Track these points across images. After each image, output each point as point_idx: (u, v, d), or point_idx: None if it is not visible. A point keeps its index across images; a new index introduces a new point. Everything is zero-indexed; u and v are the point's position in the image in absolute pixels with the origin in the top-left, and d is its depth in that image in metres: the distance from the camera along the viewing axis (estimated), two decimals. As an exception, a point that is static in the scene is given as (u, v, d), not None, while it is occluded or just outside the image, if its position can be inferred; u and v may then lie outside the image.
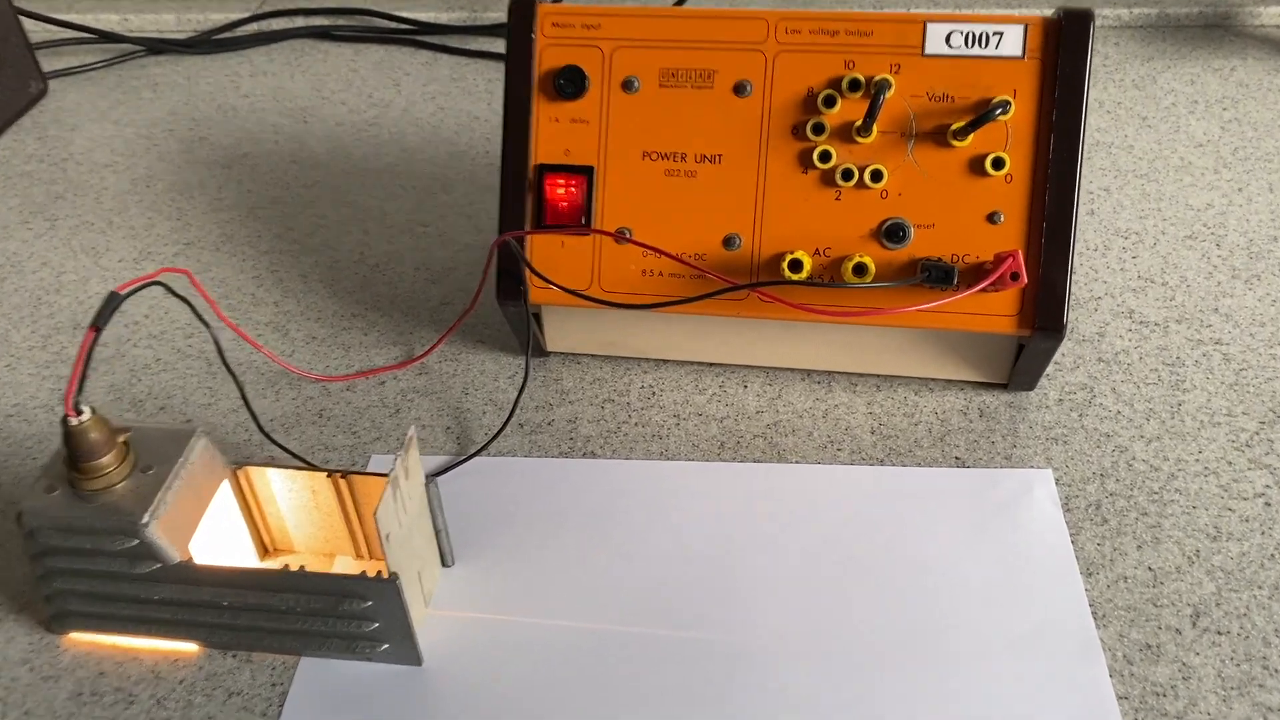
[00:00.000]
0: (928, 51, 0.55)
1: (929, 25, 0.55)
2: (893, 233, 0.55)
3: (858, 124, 0.55)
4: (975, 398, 0.61)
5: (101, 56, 1.01)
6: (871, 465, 0.58)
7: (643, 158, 0.57)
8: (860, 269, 0.54)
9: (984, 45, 0.54)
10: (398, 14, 1.02)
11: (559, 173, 0.58)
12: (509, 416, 0.61)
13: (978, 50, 0.54)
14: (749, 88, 0.56)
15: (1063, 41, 0.53)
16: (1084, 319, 0.66)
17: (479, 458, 0.59)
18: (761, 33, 0.56)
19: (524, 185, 0.58)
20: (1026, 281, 0.49)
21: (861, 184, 0.55)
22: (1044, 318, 0.54)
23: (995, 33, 0.54)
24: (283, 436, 0.61)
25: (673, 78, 0.57)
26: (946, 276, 0.50)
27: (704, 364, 0.64)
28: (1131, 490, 0.56)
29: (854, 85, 0.55)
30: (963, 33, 0.54)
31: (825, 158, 0.55)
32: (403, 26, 1.02)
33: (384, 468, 0.59)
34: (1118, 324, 0.66)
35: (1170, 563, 0.52)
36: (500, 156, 0.58)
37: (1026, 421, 0.60)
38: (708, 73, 0.56)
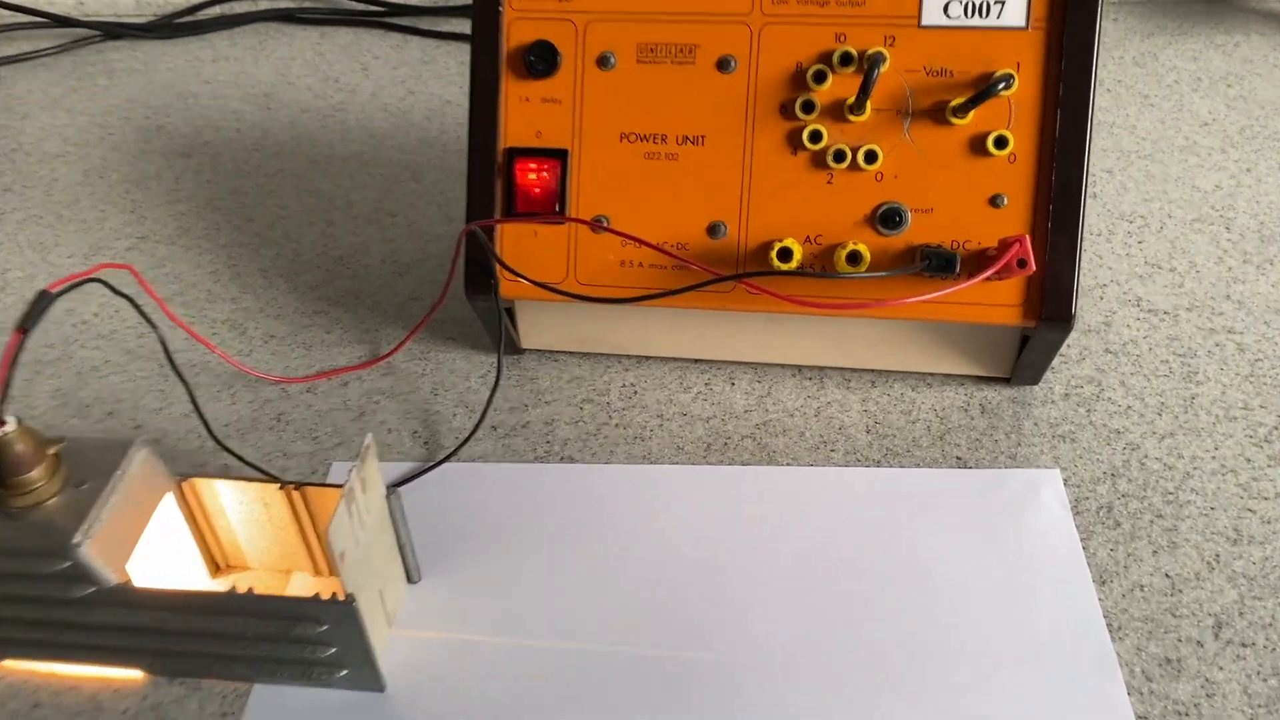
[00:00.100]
0: (925, 22, 0.51)
1: (926, -6, 0.51)
2: (888, 218, 0.51)
3: (850, 101, 0.51)
4: (976, 393, 0.58)
5: (55, 42, 0.96)
6: (867, 467, 0.54)
7: (620, 140, 0.53)
8: (854, 257, 0.50)
9: (985, 15, 0.50)
10: (366, -5, 0.98)
11: (530, 157, 0.54)
12: (480, 419, 0.57)
13: (978, 20, 0.50)
14: (733, 63, 0.52)
15: (1069, 10, 0.50)
16: (1089, 308, 0.63)
17: (448, 464, 0.55)
18: (746, 4, 0.52)
19: (493, 170, 0.54)
20: (1035, 269, 0.46)
21: (855, 166, 0.51)
22: (1051, 307, 0.51)
23: (997, 1, 0.50)
24: (238, 443, 0.57)
25: (651, 53, 0.53)
26: (948, 265, 0.46)
27: (689, 360, 0.60)
28: (1145, 491, 0.52)
29: (846, 59, 0.51)
30: (962, 2, 0.50)
31: (816, 138, 0.51)
32: (371, 8, 0.98)
33: (345, 476, 0.55)
34: (1125, 313, 0.62)
35: (1189, 569, 0.49)
36: (469, 140, 0.54)
37: (1031, 418, 0.56)
38: (689, 47, 0.52)
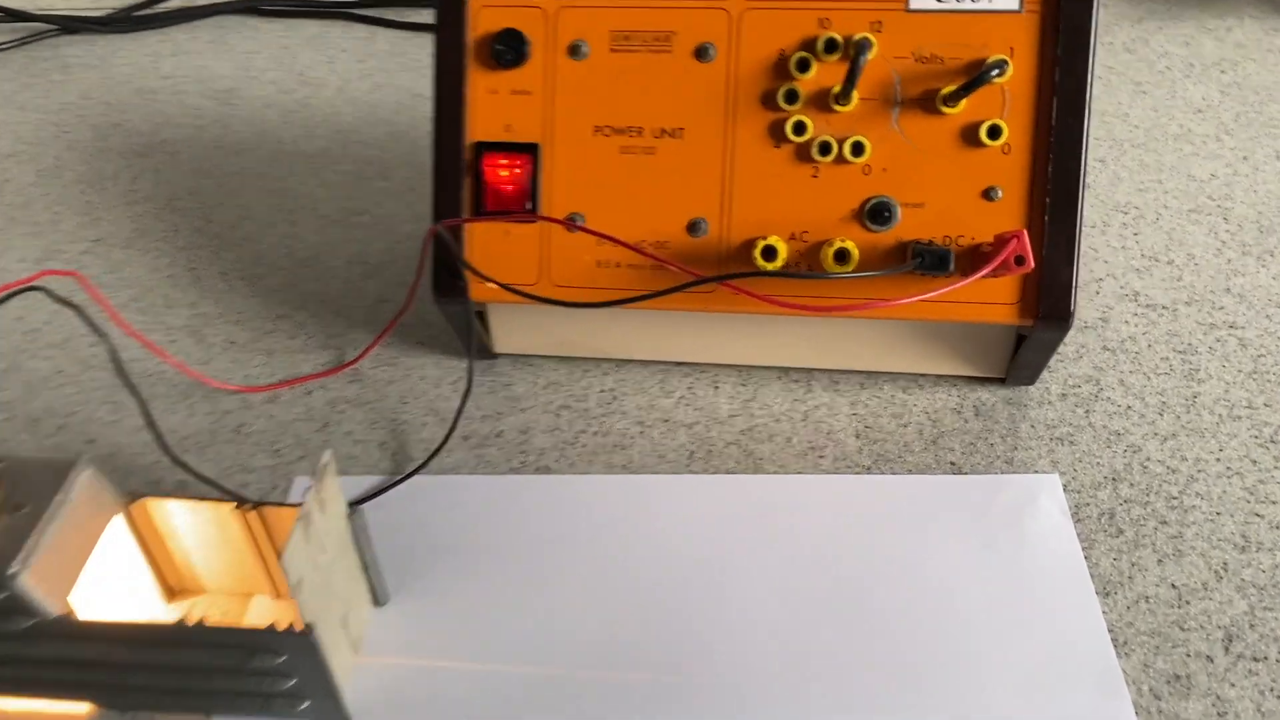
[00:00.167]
0: (913, 6, 0.48)
1: (914, -24, 0.48)
2: (877, 213, 0.49)
3: (836, 90, 0.48)
4: (970, 394, 0.55)
5: (10, 36, 0.92)
6: (858, 474, 0.52)
7: (594, 133, 0.51)
8: (842, 255, 0.48)
9: (976, -2, 0.48)
10: (333, -14, 0.95)
11: (499, 152, 0.51)
12: (451, 428, 0.54)
13: (969, 4, 0.48)
14: (712, 51, 0.49)
15: (1065, -8, 0.47)
16: (1086, 303, 0.60)
17: (418, 476, 0.53)
18: (725, -12, 0.49)
19: (460, 167, 0.51)
20: (1034, 266, 0.43)
21: (841, 159, 0.49)
22: (1048, 305, 0.48)
23: (989, -16, 0.48)
24: (195, 458, 0.54)
25: (626, 41, 0.50)
26: (941, 262, 0.44)
27: (670, 363, 0.58)
28: (1148, 496, 0.50)
29: (831, 46, 0.48)
30: (952, -16, 0.48)
31: (800, 129, 0.49)
32: (339, -1, 0.95)
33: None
34: (1122, 308, 0.60)
35: (1195, 578, 0.46)
36: (433, 135, 0.51)
37: (1027, 420, 0.54)
38: (665, 35, 0.50)
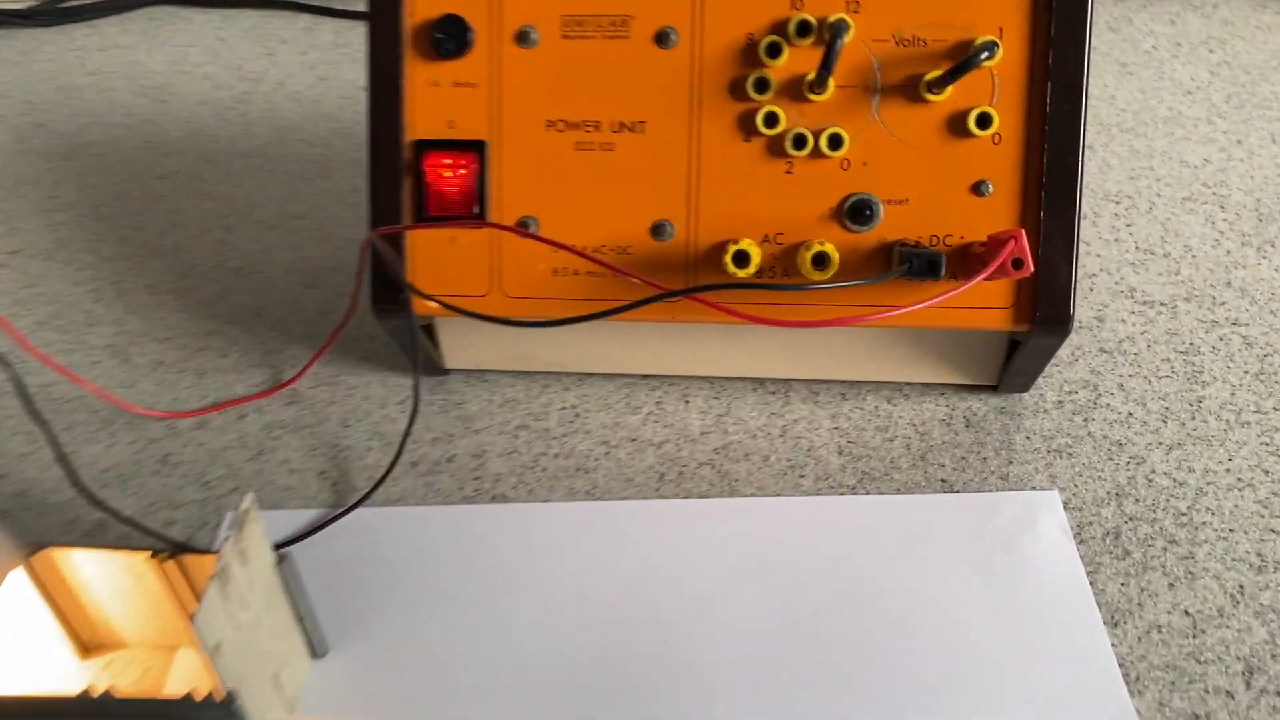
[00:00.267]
0: (893, -16, 0.44)
1: (894, -49, 0.44)
2: (858, 211, 0.45)
3: (810, 78, 0.44)
4: (959, 404, 0.51)
5: (-74, 32, 0.86)
6: (842, 495, 0.48)
7: (547, 128, 0.46)
8: (820, 259, 0.43)
9: (962, -26, 0.44)
10: (274, -27, 0.89)
11: (443, 150, 0.46)
12: (397, 454, 0.50)
13: (955, -20, 0.44)
14: (674, 37, 0.45)
15: (1059, -34, 0.43)
16: (1079, 301, 0.56)
17: (361, 508, 0.48)
18: (686, -33, 0.45)
19: (399, 167, 0.46)
20: (1033, 270, 0.39)
21: (817, 152, 0.45)
22: (1046, 309, 0.44)
23: (975, -42, 0.43)
24: (117, 493, 0.49)
25: (579, 26, 0.45)
26: (931, 267, 0.39)
27: (637, 376, 0.53)
28: (1155, 512, 0.46)
29: (804, 29, 0.44)
30: (935, -41, 0.44)
31: (771, 121, 0.44)
32: (280, -13, 0.89)
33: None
34: (1118, 305, 0.56)
35: (1211, 604, 0.43)
36: (368, 133, 0.47)
37: (1022, 430, 0.50)
38: (622, 19, 0.45)
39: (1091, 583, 0.44)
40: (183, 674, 0.42)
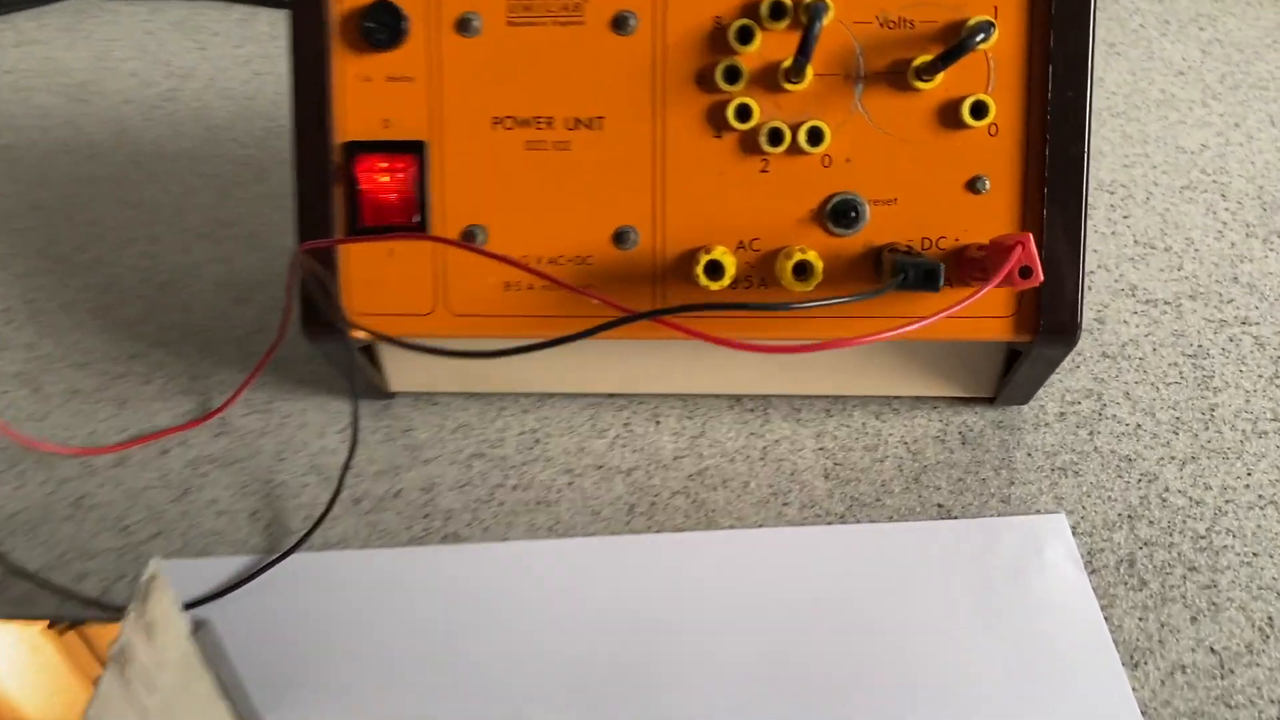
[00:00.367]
0: (876, -41, 0.39)
1: (876, -79, 0.39)
2: (841, 213, 0.40)
3: (786, 65, 0.39)
4: (954, 419, 0.47)
5: None
6: (829, 523, 0.44)
7: (494, 126, 0.41)
8: (802, 269, 0.39)
9: (952, -53, 0.39)
10: (206, -40, 0.83)
11: (377, 152, 0.41)
12: (336, 490, 0.45)
13: (944, -46, 0.39)
14: (633, 21, 0.40)
15: (1059, -64, 0.39)
16: (1077, 301, 0.52)
17: (297, 554, 0.43)
18: (645, -57, 0.40)
19: (328, 173, 0.41)
20: (1043, 279, 0.35)
21: (795, 148, 0.40)
22: (1051, 318, 0.40)
23: (967, -72, 0.39)
24: (24, 541, 0.44)
25: (526, 12, 0.41)
26: (929, 278, 0.35)
27: (602, 396, 0.49)
28: (1171, 536, 0.42)
29: (778, 11, 0.39)
30: (922, -70, 0.39)
31: (744, 114, 0.40)
32: (214, -24, 0.83)
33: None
34: (1119, 305, 0.52)
35: (1238, 639, 0.39)
36: (293, 135, 0.42)
37: (1023, 447, 0.46)
38: (574, 3, 0.40)
39: (1107, 618, 0.40)
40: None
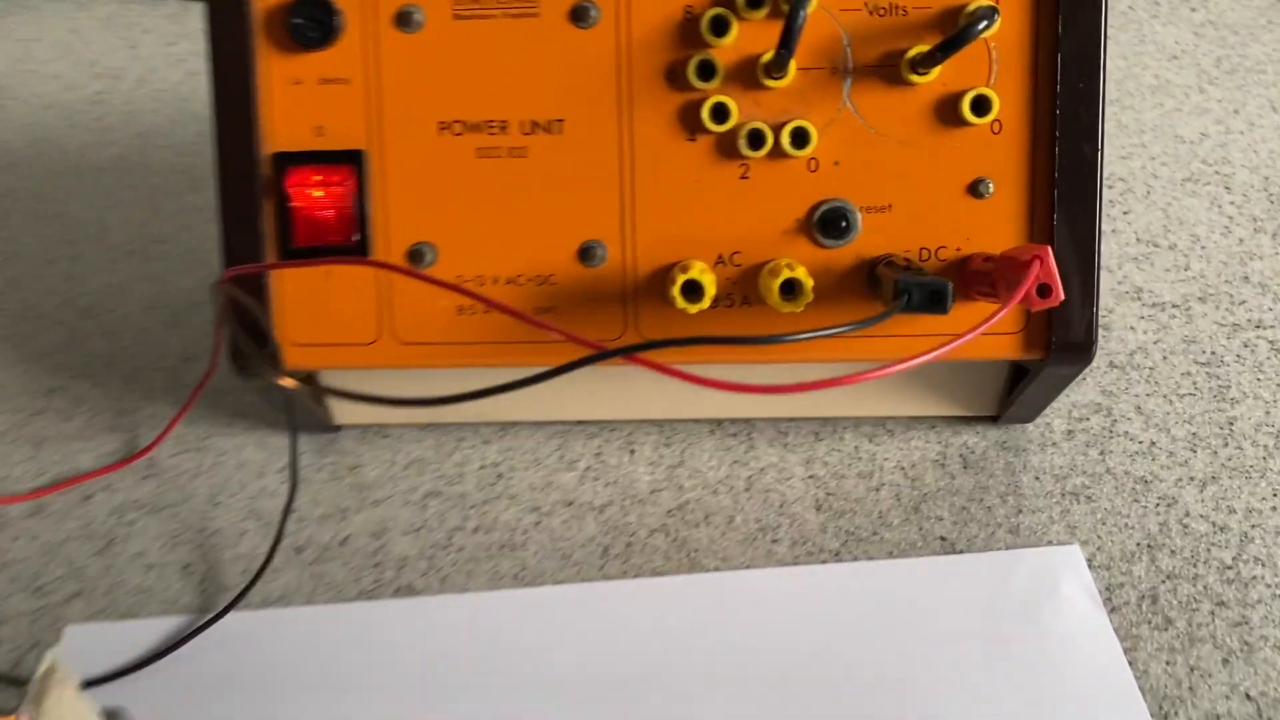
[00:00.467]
0: (864, -62, 0.35)
1: (863, -104, 0.35)
2: (831, 223, 0.36)
3: (766, 59, 0.35)
4: (954, 439, 0.43)
5: None
6: (824, 561, 0.40)
7: (440, 131, 0.37)
8: (790, 288, 0.35)
9: (947, -77, 0.35)
10: (138, -48, 0.78)
11: (311, 164, 0.37)
12: (276, 538, 0.40)
13: (939, -69, 0.35)
14: (593, 12, 0.36)
15: (1066, -90, 0.35)
16: (1079, 306, 0.49)
17: (234, 613, 0.39)
18: (606, -77, 0.36)
19: (256, 189, 0.37)
20: (1064, 297, 0.31)
21: (778, 151, 0.36)
22: (1063, 334, 0.36)
23: (964, -98, 0.35)
24: (-76, 607, 0.39)
25: (474, 3, 0.36)
26: (935, 299, 0.31)
27: (570, 423, 0.45)
28: (1195, 567, 0.39)
29: (755, -2, 0.35)
30: (914, -94, 0.35)
31: (720, 115, 0.36)
32: (146, -32, 0.78)
33: (81, 647, 0.38)
34: (1125, 310, 0.48)
35: (1275, 683, 0.35)
36: (214, 148, 0.37)
37: (1030, 470, 0.42)
38: (527, -8, 0.36)
39: (1131, 662, 0.36)
40: None
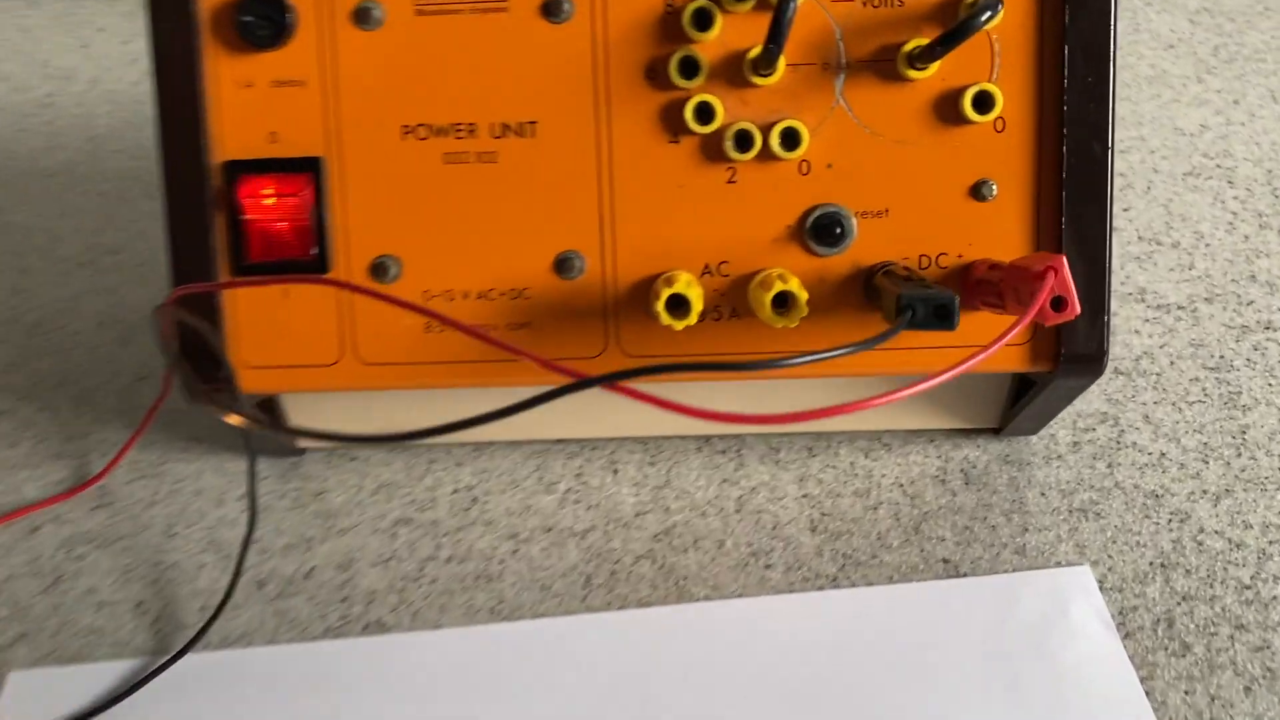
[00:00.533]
0: (856, -77, 0.33)
1: (855, -122, 0.33)
2: (824, 229, 0.34)
3: (753, 55, 0.33)
4: (954, 453, 0.41)
5: None
6: (821, 588, 0.37)
7: (404, 136, 0.34)
8: (783, 301, 0.32)
9: (945, -93, 0.33)
10: (92, -54, 0.74)
11: (264, 173, 0.34)
12: (235, 572, 0.38)
13: (937, -84, 0.33)
14: (567, 6, 0.33)
15: (1072, -109, 0.33)
16: (1080, 309, 0.47)
17: (192, 654, 0.36)
18: (578, -90, 0.33)
19: (204, 201, 0.34)
20: (1080, 311, 0.29)
21: (767, 154, 0.34)
22: (1073, 345, 0.34)
23: (963, -116, 0.33)
24: None
25: (438, -2, 0.34)
26: (942, 314, 0.29)
27: (549, 441, 0.42)
28: (1212, 587, 0.37)
29: (741, -11, 0.33)
30: (910, -112, 0.33)
31: (705, 115, 0.33)
32: (101, -37, 0.74)
33: (26, 695, 0.35)
34: (1129, 313, 0.46)
35: (1301, 713, 0.33)
36: (160, 157, 0.34)
37: (1035, 486, 0.40)
38: (495, -15, 0.33)
39: (1148, 692, 0.34)
40: None
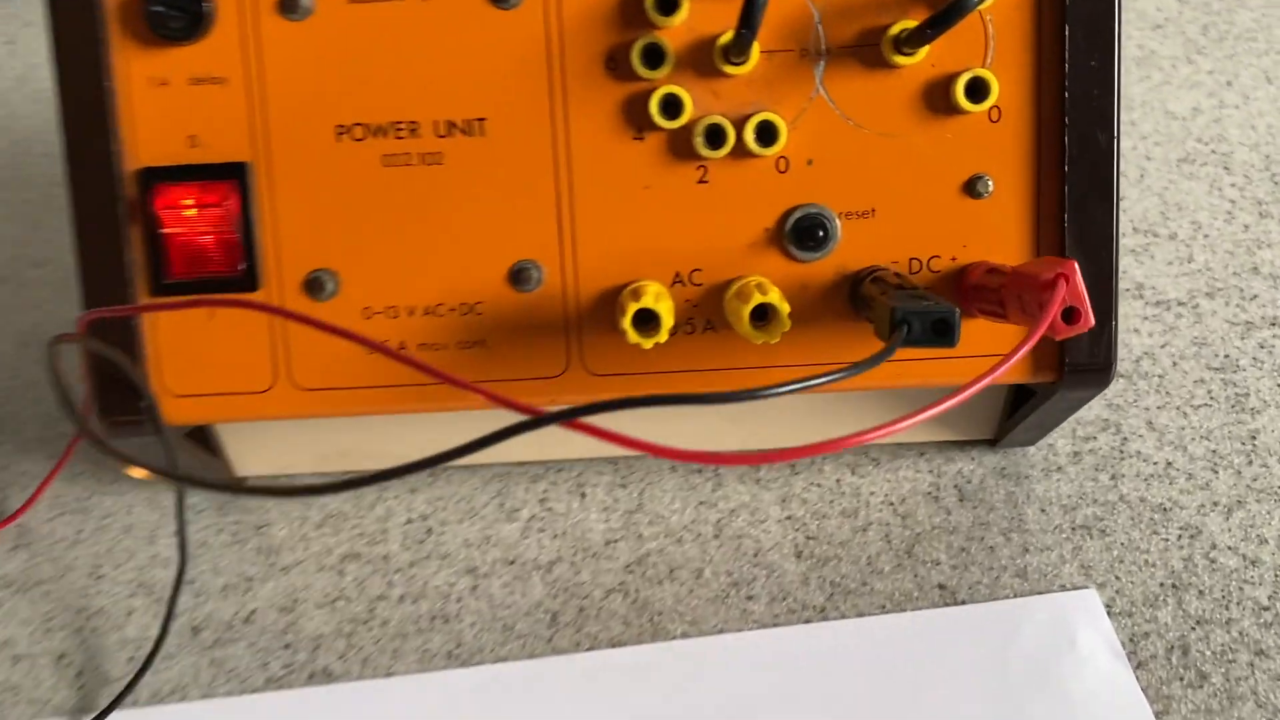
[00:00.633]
0: (834, -106, 0.30)
1: None
2: (806, 232, 0.31)
3: (724, 41, 0.30)
4: (946, 467, 0.38)
5: None
6: (808, 621, 0.35)
7: (339, 137, 0.31)
8: (762, 315, 0.29)
9: (932, -125, 0.30)
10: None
11: (184, 180, 0.31)
12: (167, 617, 0.34)
13: (923, -116, 0.30)
14: (516, -11, 0.30)
15: None
16: (1076, 307, 0.44)
17: (120, 711, 0.33)
18: (527, -118, 0.30)
19: (117, 213, 0.31)
20: (1093, 323, 0.26)
21: (742, 150, 0.30)
22: (1078, 354, 0.31)
23: None
24: None
25: (372, -18, 0.30)
26: (942, 330, 0.26)
27: (510, 464, 0.39)
28: (1228, 609, 0.34)
29: (709, -32, 0.30)
30: None
31: (672, 108, 0.30)
32: (30, -48, 0.70)
33: (-69, 766, 0.32)
34: (1127, 310, 0.44)
35: (1329, 749, 0.31)
36: (64, 165, 0.31)
37: (1034, 501, 0.37)
38: (435, -33, 0.30)
39: (1163, 730, 0.31)
40: None
